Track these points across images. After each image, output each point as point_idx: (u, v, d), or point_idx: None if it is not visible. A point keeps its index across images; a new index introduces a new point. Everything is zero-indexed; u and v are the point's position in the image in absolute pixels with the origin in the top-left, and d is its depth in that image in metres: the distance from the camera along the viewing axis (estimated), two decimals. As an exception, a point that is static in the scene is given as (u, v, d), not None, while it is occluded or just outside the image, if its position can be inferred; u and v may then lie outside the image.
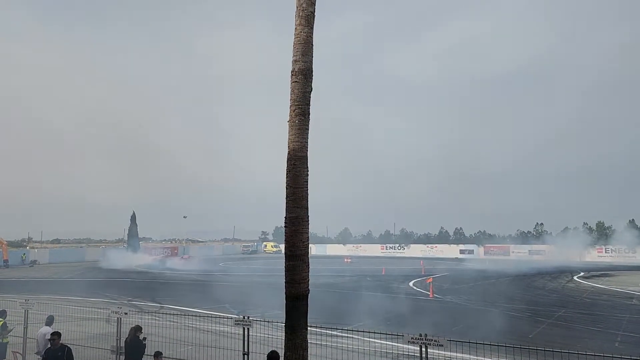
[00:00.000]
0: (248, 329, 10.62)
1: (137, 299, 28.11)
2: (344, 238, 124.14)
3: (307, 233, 7.54)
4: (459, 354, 12.19)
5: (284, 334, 7.51)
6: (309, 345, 7.57)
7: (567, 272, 54.05)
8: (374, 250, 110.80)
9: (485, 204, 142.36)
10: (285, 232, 7.56)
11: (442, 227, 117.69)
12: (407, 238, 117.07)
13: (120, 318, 12.15)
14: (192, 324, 17.73)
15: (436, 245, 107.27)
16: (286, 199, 7.55)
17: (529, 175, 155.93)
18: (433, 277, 37.74)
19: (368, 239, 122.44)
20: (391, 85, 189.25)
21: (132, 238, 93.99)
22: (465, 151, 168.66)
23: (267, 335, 14.06)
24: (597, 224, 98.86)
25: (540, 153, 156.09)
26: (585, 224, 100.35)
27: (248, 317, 10.75)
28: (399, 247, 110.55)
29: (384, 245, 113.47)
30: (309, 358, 10.18)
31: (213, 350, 14.03)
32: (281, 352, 7.82)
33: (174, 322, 16.59)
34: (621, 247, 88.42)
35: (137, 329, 11.12)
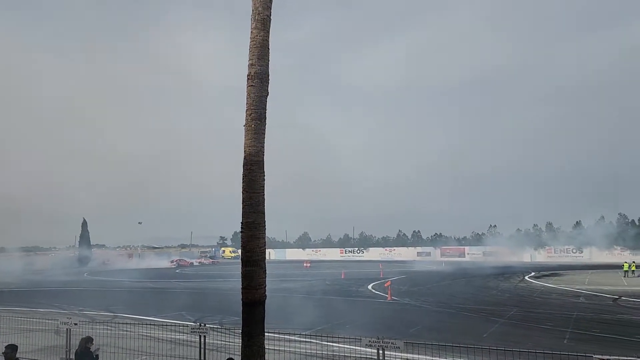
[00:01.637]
0: (204, 336, 10.42)
1: (89, 309, 27.18)
2: (303, 242, 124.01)
3: (264, 238, 7.48)
4: (415, 355, 12.35)
5: (240, 340, 7.41)
6: (267, 351, 7.50)
7: (519, 272, 55.81)
8: (334, 254, 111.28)
9: (442, 207, 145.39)
10: (242, 238, 7.48)
11: (400, 231, 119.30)
12: (366, 242, 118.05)
13: (70, 329, 11.70)
14: (147, 332, 17.27)
15: (394, 248, 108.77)
16: (242, 203, 7.47)
17: (484, 179, 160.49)
18: (391, 280, 38.18)
19: (327, 243, 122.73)
20: (350, 91, 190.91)
21: (84, 245, 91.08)
22: (423, 156, 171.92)
23: (224, 343, 13.87)
24: (546, 225, 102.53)
25: (494, 158, 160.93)
26: (535, 225, 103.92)
27: (204, 325, 10.55)
28: (358, 251, 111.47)
29: (344, 249, 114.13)
30: (267, 364, 10.10)
31: (169, 359, 13.72)
32: (238, 359, 7.71)
33: (128, 331, 16.12)
34: (569, 247, 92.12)
35: (88, 340, 10.72)
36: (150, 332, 17.34)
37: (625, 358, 7.14)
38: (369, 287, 37.99)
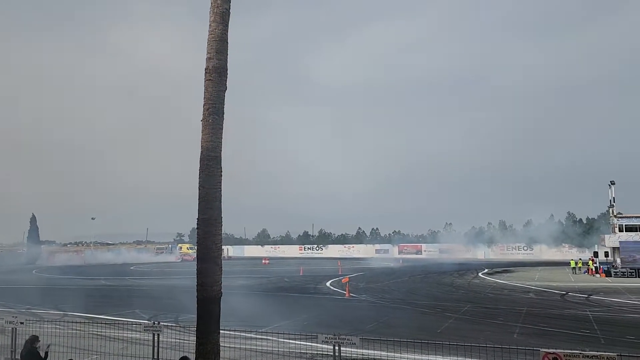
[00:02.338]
0: (158, 335, 10.21)
1: (37, 307, 26.18)
2: (262, 239, 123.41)
3: (221, 235, 7.38)
4: (370, 351, 12.48)
5: (195, 338, 7.30)
6: (223, 348, 7.41)
7: (473, 269, 57.33)
8: (293, 251, 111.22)
9: (400, 205, 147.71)
10: (198, 234, 7.36)
11: (359, 228, 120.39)
12: (325, 239, 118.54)
13: (16, 328, 11.23)
14: (99, 331, 16.79)
15: (353, 245, 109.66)
16: (199, 199, 7.36)
17: (439, 178, 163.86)
18: (349, 277, 38.50)
19: (287, 240, 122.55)
20: (311, 88, 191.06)
21: (32, 241, 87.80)
22: (382, 153, 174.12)
23: (179, 341, 13.64)
24: (499, 223, 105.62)
25: (452, 158, 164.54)
26: (489, 223, 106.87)
27: (158, 323, 10.34)
28: (317, 248, 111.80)
29: (303, 246, 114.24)
30: (222, 362, 9.98)
31: (121, 359, 13.37)
32: (193, 357, 7.59)
33: (78, 330, 15.62)
34: (520, 245, 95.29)
35: (34, 340, 10.31)
36: (102, 330, 16.87)
37: (571, 351, 7.42)
38: (327, 284, 38.17)
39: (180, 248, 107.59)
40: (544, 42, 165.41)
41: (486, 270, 55.12)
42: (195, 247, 7.39)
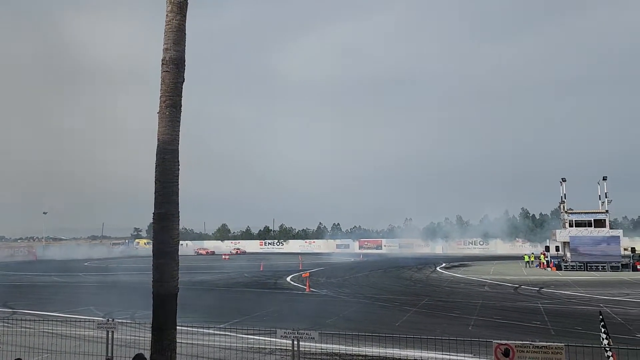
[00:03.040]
0: (112, 332, 9.96)
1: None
2: (222, 234, 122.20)
3: (177, 230, 7.26)
4: (329, 345, 12.58)
5: (151, 335, 7.16)
6: (180, 345, 7.31)
7: (431, 263, 58.49)
8: (253, 246, 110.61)
9: (360, 199, 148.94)
10: (154, 229, 7.21)
11: (320, 223, 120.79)
12: (286, 234, 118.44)
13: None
14: (51, 329, 16.25)
15: (314, 240, 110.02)
16: (155, 194, 7.20)
17: (399, 173, 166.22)
18: (310, 272, 38.61)
19: (247, 235, 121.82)
20: (274, 81, 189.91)
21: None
22: (343, 149, 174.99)
23: (135, 337, 13.35)
24: (457, 218, 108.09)
25: (412, 153, 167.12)
26: (447, 218, 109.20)
27: (112, 320, 10.08)
28: (278, 243, 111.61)
29: (263, 241, 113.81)
30: (181, 359, 9.84)
31: (74, 357, 12.98)
32: (148, 354, 7.44)
33: (28, 328, 15.08)
34: (476, 240, 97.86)
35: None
36: (54, 328, 16.34)
37: (521, 342, 7.67)
38: (288, 279, 38.18)
39: (138, 243, 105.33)
40: (499, 42, 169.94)
41: (444, 264, 56.33)
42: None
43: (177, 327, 7.30)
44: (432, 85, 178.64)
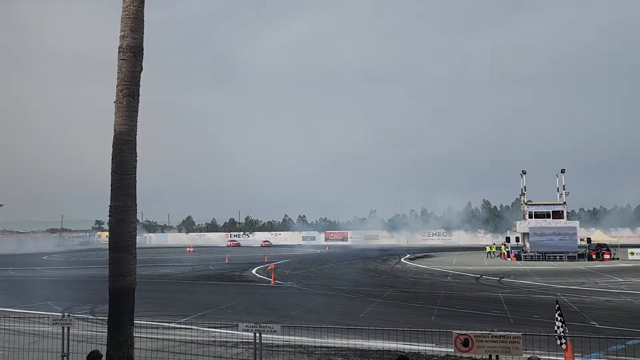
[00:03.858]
0: (68, 327, 9.65)
1: None
2: (187, 226, 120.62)
3: (135, 223, 7.06)
4: (292, 337, 12.55)
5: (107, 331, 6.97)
6: (140, 340, 7.14)
7: (396, 254, 59.27)
8: (219, 238, 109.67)
9: (327, 192, 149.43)
10: (110, 222, 7.00)
11: (286, 215, 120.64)
12: (252, 226, 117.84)
13: None
14: (5, 325, 15.67)
15: (280, 232, 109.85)
16: (111, 186, 6.98)
17: (365, 166, 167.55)
18: (276, 264, 38.54)
19: (212, 227, 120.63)
20: (240, 72, 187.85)
21: None
22: (308, 142, 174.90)
23: (93, 333, 13.01)
24: (421, 210, 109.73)
25: (377, 147, 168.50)
26: (412, 210, 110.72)
27: (68, 315, 9.77)
28: (244, 235, 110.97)
29: (229, 234, 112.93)
30: (141, 354, 9.63)
31: (29, 354, 12.54)
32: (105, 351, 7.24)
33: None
34: (440, 231, 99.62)
35: None
36: (10, 324, 15.74)
37: (480, 332, 7.82)
38: (253, 271, 37.99)
39: (100, 236, 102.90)
40: (463, 37, 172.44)
41: (408, 255, 57.14)
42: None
43: (137, 322, 7.15)
44: (398, 78, 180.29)
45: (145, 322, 15.21)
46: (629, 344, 12.21)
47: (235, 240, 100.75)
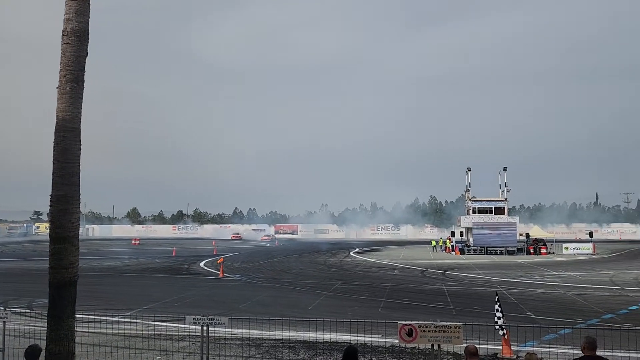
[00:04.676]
0: (4, 322, 9.25)
1: None
2: (132, 218, 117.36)
3: (78, 213, 6.83)
4: (240, 330, 12.52)
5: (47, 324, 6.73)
6: (81, 334, 6.94)
7: (345, 248, 59.99)
8: (166, 231, 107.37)
9: (277, 185, 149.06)
10: (51, 212, 6.74)
11: (236, 208, 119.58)
12: (201, 218, 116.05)
13: None
14: None
15: (229, 225, 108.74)
16: (53, 174, 6.72)
17: (316, 160, 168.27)
18: (225, 257, 38.16)
19: (159, 219, 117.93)
20: (192, 61, 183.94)
21: None
22: (259, 135, 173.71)
23: (32, 327, 12.52)
24: (371, 204, 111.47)
25: (329, 141, 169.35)
26: (361, 205, 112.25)
27: (4, 309, 9.37)
28: (192, 228, 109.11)
29: (177, 226, 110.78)
30: (82, 348, 9.35)
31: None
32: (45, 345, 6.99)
33: None
34: (389, 225, 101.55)
35: None
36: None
37: (424, 322, 8.08)
38: (201, 264, 37.49)
39: (38, 227, 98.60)
40: (416, 34, 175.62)
41: (357, 249, 57.96)
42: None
43: (79, 316, 6.94)
44: (354, 71, 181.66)
45: (87, 316, 14.77)
46: (561, 333, 12.93)
47: (238, 234, 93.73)
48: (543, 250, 48.60)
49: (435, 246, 57.06)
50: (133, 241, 72.41)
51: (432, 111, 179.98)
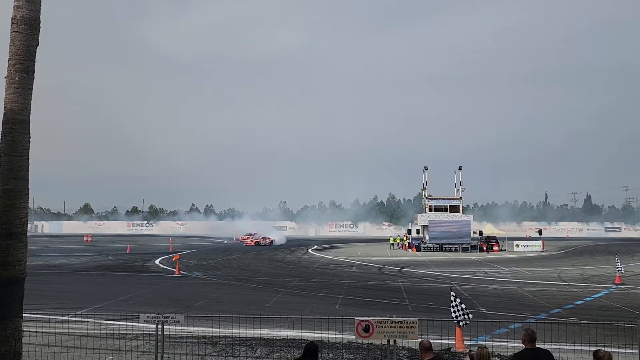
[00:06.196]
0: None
1: None
2: (84, 214, 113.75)
3: (26, 208, 6.57)
4: (197, 328, 12.37)
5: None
6: (29, 334, 6.69)
7: (304, 245, 60.06)
8: (120, 227, 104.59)
9: (234, 182, 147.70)
10: (-2, 207, 6.46)
11: (193, 204, 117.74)
12: (156, 215, 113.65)
13: None
14: None
15: (186, 222, 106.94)
16: (0, 168, 6.44)
17: (274, 157, 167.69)
18: (181, 254, 37.50)
19: (113, 215, 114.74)
20: (150, 54, 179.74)
21: None
22: (216, 131, 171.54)
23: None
24: (330, 202, 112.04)
25: (286, 136, 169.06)
26: (320, 202, 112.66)
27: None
28: (148, 225, 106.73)
29: (131, 222, 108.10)
30: (30, 349, 9.00)
31: None
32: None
33: None
34: (347, 223, 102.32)
35: None
36: None
37: (380, 318, 8.20)
38: (157, 261, 36.76)
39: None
40: (378, 34, 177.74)
41: (316, 246, 58.14)
42: None
43: (26, 315, 6.70)
44: (310, 68, 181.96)
45: (35, 316, 14.25)
46: (511, 328, 13.39)
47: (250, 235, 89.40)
48: (495, 248, 50.12)
49: (393, 243, 57.91)
50: (85, 238, 70.16)
51: (394, 110, 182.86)
